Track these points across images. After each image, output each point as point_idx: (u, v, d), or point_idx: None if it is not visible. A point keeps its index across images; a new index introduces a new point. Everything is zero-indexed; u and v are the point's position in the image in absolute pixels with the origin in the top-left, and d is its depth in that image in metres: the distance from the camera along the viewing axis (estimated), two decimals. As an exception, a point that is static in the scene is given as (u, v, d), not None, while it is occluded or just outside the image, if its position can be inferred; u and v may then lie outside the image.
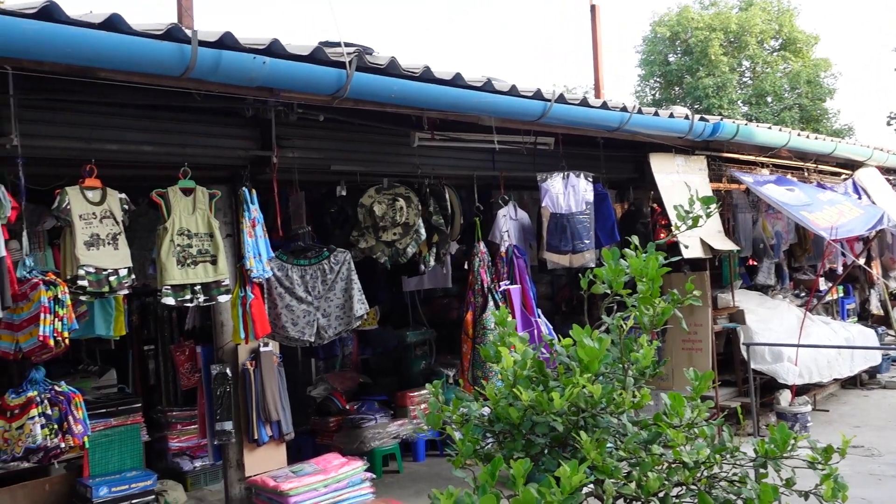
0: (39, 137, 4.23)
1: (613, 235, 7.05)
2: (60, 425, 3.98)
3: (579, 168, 6.68)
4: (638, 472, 2.31)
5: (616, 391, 2.42)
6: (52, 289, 3.89)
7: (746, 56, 27.01)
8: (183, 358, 6.79)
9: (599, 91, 10.29)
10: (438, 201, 6.25)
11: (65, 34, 3.25)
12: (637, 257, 2.50)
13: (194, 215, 4.72)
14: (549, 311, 9.23)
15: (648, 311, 2.49)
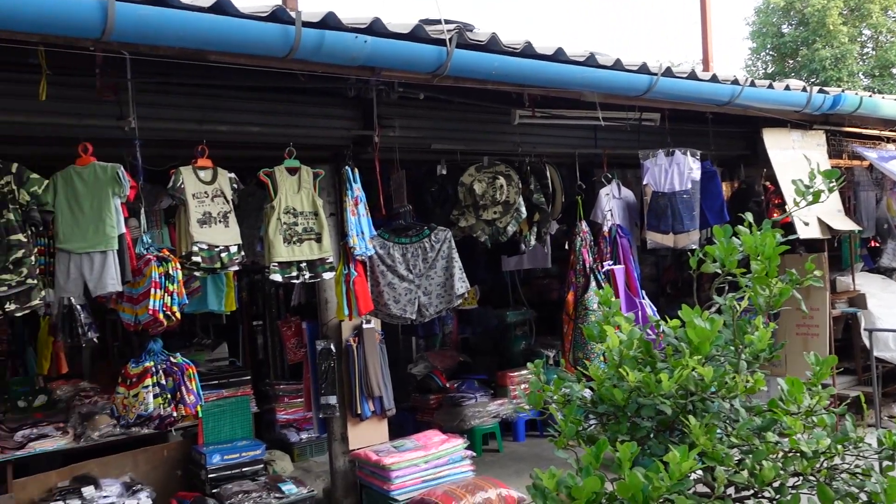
0: (155, 120, 4.41)
1: (722, 215, 6.76)
2: (174, 395, 4.18)
3: (686, 145, 6.42)
4: (751, 460, 2.19)
5: (728, 375, 2.30)
6: (164, 265, 4.07)
7: (869, 25, 25.19)
8: (289, 333, 7.01)
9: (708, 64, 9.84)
10: (539, 179, 6.15)
11: (178, 18, 3.36)
12: (752, 234, 2.36)
13: (299, 194, 4.83)
14: (654, 292, 8.98)
15: (764, 291, 2.35)
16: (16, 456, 4.80)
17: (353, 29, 3.86)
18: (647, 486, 1.94)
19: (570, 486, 2.04)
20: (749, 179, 7.85)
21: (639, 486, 1.94)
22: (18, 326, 6.53)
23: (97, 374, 6.57)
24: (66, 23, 3.10)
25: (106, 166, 4.08)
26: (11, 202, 3.87)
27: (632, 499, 1.95)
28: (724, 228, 2.45)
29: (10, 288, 3.83)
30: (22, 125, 4.12)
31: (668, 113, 6.35)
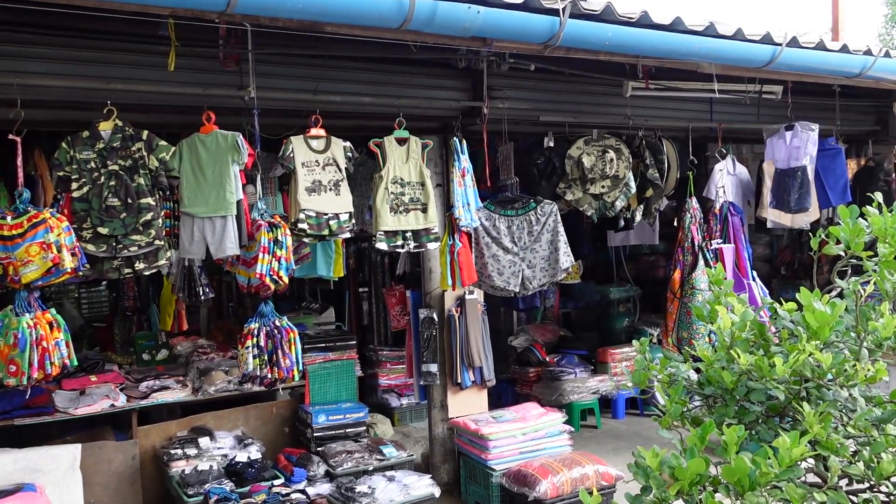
0: (272, 90, 4.56)
1: (845, 195, 6.38)
2: (271, 357, 4.34)
3: (809, 119, 6.08)
4: (869, 453, 2.09)
5: (848, 362, 2.19)
6: (274, 231, 4.23)
7: None
8: (394, 301, 7.17)
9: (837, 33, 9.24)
10: (655, 154, 5.98)
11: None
12: (881, 215, 2.22)
13: (407, 164, 4.90)
14: (766, 274, 8.61)
15: (892, 276, 2.21)
16: (140, 405, 5.15)
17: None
18: (754, 472, 1.89)
19: (673, 466, 2.01)
20: (878, 157, 7.36)
21: (745, 471, 1.89)
22: (144, 285, 6.97)
23: (213, 332, 6.94)
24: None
25: (227, 134, 4.26)
26: (142, 167, 4.12)
27: (737, 483, 1.90)
28: (851, 208, 2.32)
29: (140, 248, 4.09)
30: (152, 94, 4.35)
31: (791, 85, 6.02)
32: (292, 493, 4.47)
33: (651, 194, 6.03)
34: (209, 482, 4.55)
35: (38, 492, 4.23)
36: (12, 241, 3.86)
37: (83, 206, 4.06)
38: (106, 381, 5.24)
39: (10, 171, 4.80)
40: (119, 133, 4.11)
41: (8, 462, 4.56)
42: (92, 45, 4.20)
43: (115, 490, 4.85)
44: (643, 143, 5.94)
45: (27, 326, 3.91)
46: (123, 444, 4.99)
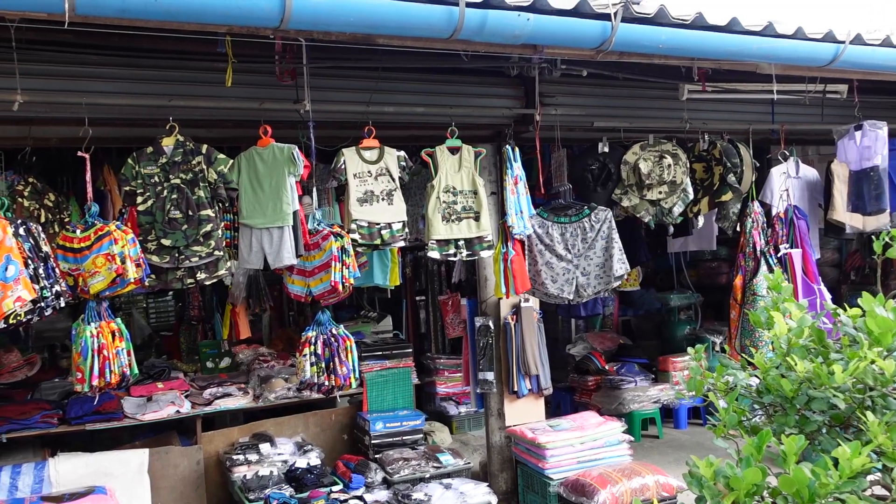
0: (326, 103, 4.63)
1: (914, 196, 6.11)
2: (328, 365, 4.41)
3: (876, 118, 5.85)
4: (939, 465, 2.00)
5: (914, 369, 2.10)
6: (339, 240, 4.33)
7: None
8: (449, 309, 7.19)
9: (908, 28, 8.89)
10: (730, 158, 5.85)
11: (349, 5, 3.50)
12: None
13: (460, 173, 4.91)
14: (835, 279, 8.33)
15: (962, 279, 2.12)
16: (204, 412, 5.29)
17: (515, 7, 3.85)
18: (813, 482, 1.83)
19: (728, 476, 1.96)
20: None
21: (804, 482, 1.83)
22: (208, 294, 7.17)
23: (274, 340, 7.08)
24: (249, 13, 3.33)
25: (283, 147, 4.36)
26: (202, 180, 4.25)
27: (796, 494, 1.84)
28: (917, 210, 2.23)
29: (201, 258, 4.22)
30: (211, 110, 4.49)
31: (857, 84, 5.82)
32: (350, 500, 4.53)
33: (730, 198, 5.89)
34: (270, 487, 4.64)
35: (109, 495, 4.37)
36: (81, 253, 4.04)
37: (148, 219, 4.21)
38: (172, 388, 5.40)
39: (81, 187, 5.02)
40: (180, 148, 4.25)
41: (80, 465, 4.75)
42: (154, 65, 4.36)
43: (180, 494, 4.99)
44: (716, 147, 5.82)
45: (90, 335, 4.07)
46: (188, 449, 5.13)
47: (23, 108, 3.84)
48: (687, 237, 6.96)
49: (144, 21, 3.35)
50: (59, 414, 5.00)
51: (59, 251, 4.05)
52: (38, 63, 4.04)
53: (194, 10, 3.25)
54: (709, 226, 6.73)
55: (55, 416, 4.96)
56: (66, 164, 5.45)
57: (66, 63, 4.17)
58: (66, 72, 4.18)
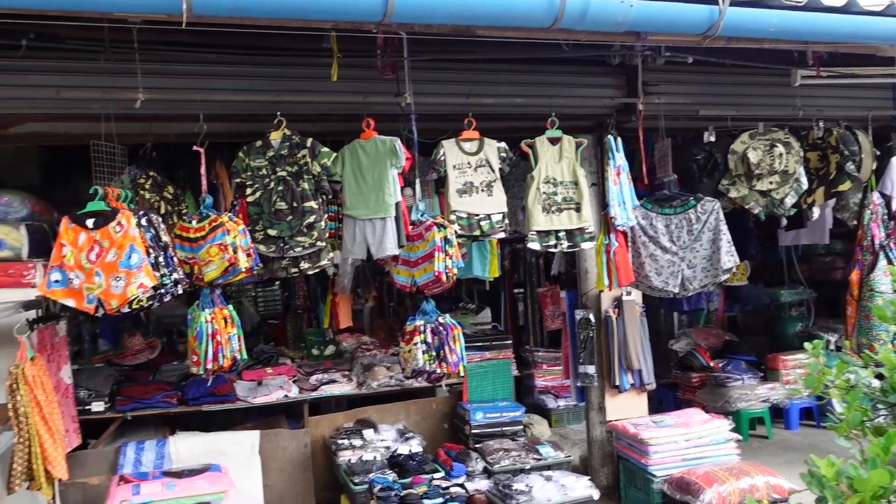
0: (427, 95, 4.66)
1: None
2: (438, 353, 4.48)
3: None
4: None
5: None
6: (442, 230, 4.37)
7: None
8: (548, 301, 7.14)
9: None
10: (847, 146, 5.55)
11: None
12: None
13: (560, 164, 4.86)
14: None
15: None
16: (311, 397, 5.48)
17: (618, -6, 3.78)
18: (946, 486, 1.72)
19: (852, 476, 1.87)
20: None
21: (935, 485, 1.72)
22: (313, 284, 7.39)
23: (376, 330, 7.23)
24: (354, 8, 3.40)
25: (385, 140, 4.44)
26: (306, 173, 4.38)
27: (926, 498, 1.74)
28: None
29: (304, 249, 4.36)
30: (317, 104, 4.62)
31: None
32: (452, 487, 4.58)
33: (848, 188, 5.59)
34: (374, 472, 4.75)
35: (223, 472, 4.61)
36: (196, 242, 4.25)
37: (256, 210, 4.38)
38: (280, 374, 5.62)
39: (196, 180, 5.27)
40: (287, 141, 4.40)
41: (197, 444, 5.01)
42: (264, 62, 4.53)
43: (289, 475, 5.18)
44: (832, 135, 5.53)
45: (205, 321, 4.29)
46: (296, 432, 5.32)
47: (144, 105, 4.06)
48: (799, 230, 6.64)
49: (254, 19, 3.47)
50: (178, 395, 5.29)
51: (177, 241, 4.27)
52: (158, 63, 4.25)
53: (302, 6, 3.35)
54: (822, 218, 6.40)
55: (174, 396, 5.26)
56: (182, 159, 5.74)
57: (183, 62, 4.38)
58: (183, 70, 4.40)
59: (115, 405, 5.16)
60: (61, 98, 4.22)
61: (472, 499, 4.66)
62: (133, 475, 4.62)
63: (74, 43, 4.08)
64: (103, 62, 4.07)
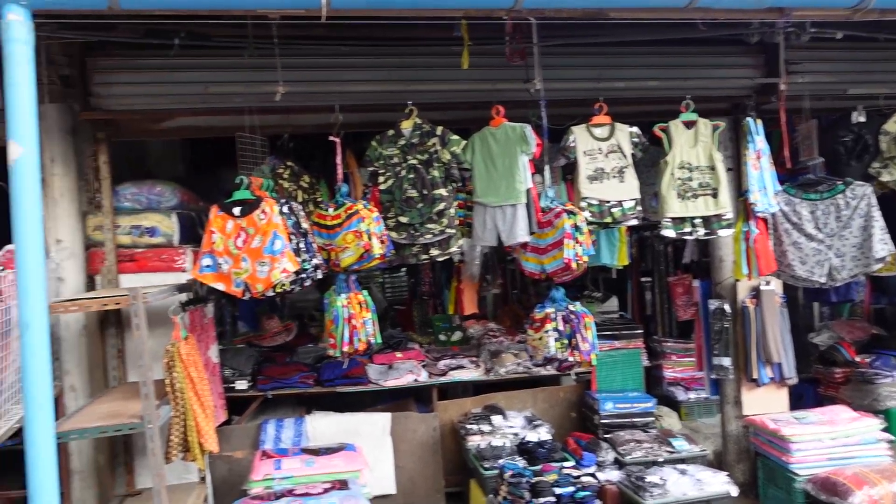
0: (556, 81, 4.64)
1: None
2: (570, 341, 4.46)
3: None
4: None
5: None
6: (572, 217, 4.34)
7: None
8: (680, 291, 6.92)
9: None
10: None
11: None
12: None
13: (695, 148, 4.69)
14: None
15: None
16: (440, 381, 5.57)
17: (762, -33, 3.60)
18: None
19: None
20: None
21: None
22: (438, 271, 7.51)
23: (502, 317, 7.25)
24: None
25: (515, 126, 4.44)
26: (436, 161, 4.45)
27: None
28: None
29: (434, 236, 4.44)
30: (447, 93, 4.69)
31: None
32: (583, 476, 4.54)
33: None
34: (503, 457, 4.79)
35: (358, 452, 4.78)
36: (333, 230, 4.41)
37: (388, 198, 4.50)
38: (409, 358, 5.75)
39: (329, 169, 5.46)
40: (417, 130, 4.48)
41: (332, 423, 5.22)
42: (396, 52, 4.63)
43: (419, 457, 5.30)
44: None
45: (341, 305, 4.45)
46: (426, 416, 5.43)
47: (283, 98, 4.26)
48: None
49: (388, 10, 3.56)
50: (314, 376, 5.52)
51: (315, 228, 4.46)
52: (296, 57, 4.45)
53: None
54: None
55: (311, 377, 5.50)
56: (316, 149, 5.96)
57: (319, 55, 4.57)
58: (318, 64, 4.58)
59: (256, 384, 5.45)
60: (208, 93, 4.49)
61: (603, 489, 4.60)
62: (274, 451, 4.87)
63: (220, 41, 4.33)
64: (247, 58, 4.29)
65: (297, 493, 4.26)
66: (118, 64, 4.54)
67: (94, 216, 4.82)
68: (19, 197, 3.15)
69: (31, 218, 3.17)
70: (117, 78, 4.57)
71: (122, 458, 4.90)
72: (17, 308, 4.11)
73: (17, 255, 3.18)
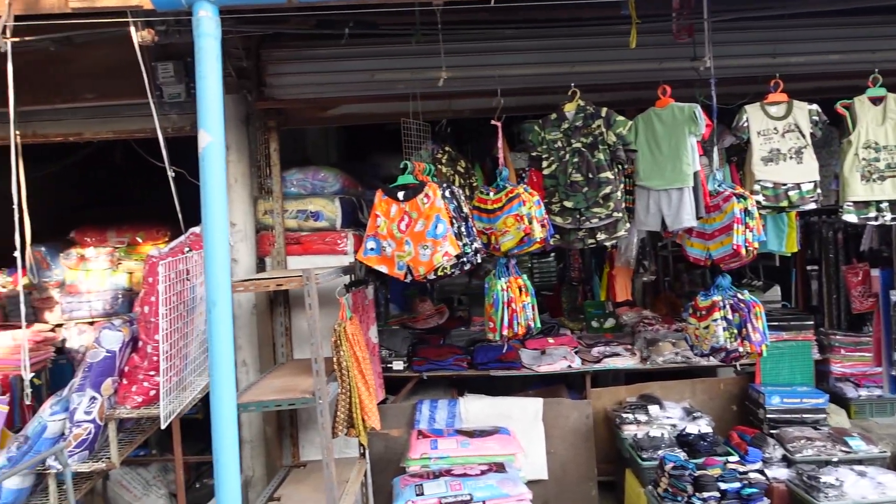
0: (726, 57, 4.42)
1: None
2: (740, 331, 4.24)
3: None
4: None
5: None
6: (742, 201, 4.12)
7: None
8: (855, 280, 6.43)
9: None
10: None
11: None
12: None
13: (883, 126, 4.33)
14: None
15: None
16: (594, 368, 5.47)
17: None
18: None
19: None
20: None
21: None
22: (588, 257, 7.38)
23: (657, 304, 7.03)
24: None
25: (683, 107, 4.26)
26: (601, 143, 4.34)
27: None
28: None
29: (600, 220, 4.33)
30: (611, 74, 4.57)
31: None
32: (749, 472, 4.33)
33: None
34: (662, 449, 4.65)
35: (512, 435, 4.79)
36: (493, 213, 4.41)
37: (552, 182, 4.44)
38: (562, 344, 5.69)
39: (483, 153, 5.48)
40: (581, 112, 4.39)
41: (485, 406, 5.26)
42: (558, 34, 4.56)
43: (571, 444, 5.25)
44: None
45: (500, 289, 4.45)
46: (578, 402, 5.36)
47: (445, 83, 4.29)
48: None
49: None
50: (467, 359, 5.58)
51: (475, 212, 4.47)
52: (458, 42, 4.47)
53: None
54: None
55: (465, 360, 5.56)
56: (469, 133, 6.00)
57: (481, 40, 4.56)
58: (480, 48, 4.59)
59: (412, 365, 5.57)
60: (374, 81, 4.61)
61: (770, 487, 4.38)
62: (429, 431, 4.97)
63: (388, 28, 4.42)
64: (414, 44, 4.35)
65: (455, 474, 4.33)
66: (290, 55, 4.75)
67: (265, 201, 5.08)
68: (207, 182, 3.32)
69: (217, 202, 3.33)
70: (289, 68, 4.78)
71: (288, 430, 5.16)
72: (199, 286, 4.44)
73: (204, 237, 3.36)
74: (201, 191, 3.33)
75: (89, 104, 4.93)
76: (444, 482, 4.21)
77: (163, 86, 4.71)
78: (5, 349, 5.07)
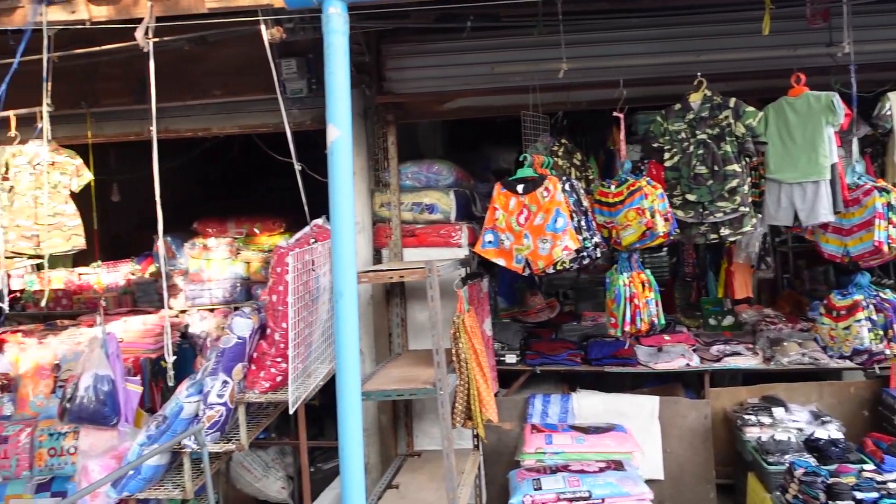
0: (867, 42, 4.18)
1: None
2: (885, 332, 4.01)
3: None
4: None
5: None
6: (885, 195, 3.89)
7: None
8: None
9: None
10: None
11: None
12: None
13: None
14: None
15: None
16: (714, 367, 5.28)
17: None
18: None
19: None
20: None
21: None
22: (702, 252, 7.13)
23: (779, 302, 6.73)
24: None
25: (819, 95, 4.05)
26: (728, 135, 4.19)
27: None
28: None
29: (725, 214, 4.19)
30: (740, 62, 4.39)
31: None
32: (889, 483, 4.08)
33: None
34: (789, 453, 4.45)
35: (628, 433, 4.71)
36: (614, 207, 4.34)
37: (674, 175, 4.32)
38: (679, 342, 5.53)
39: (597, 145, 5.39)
40: (707, 103, 4.25)
41: (598, 403, 5.19)
42: (682, 22, 4.42)
43: (688, 444, 5.10)
44: None
45: (622, 284, 4.37)
46: (696, 402, 5.20)
47: (565, 75, 4.23)
48: None
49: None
50: (581, 354, 5.50)
51: (595, 205, 4.41)
52: (578, 32, 4.40)
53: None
54: None
55: (578, 355, 5.48)
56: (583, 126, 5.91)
57: (601, 30, 4.48)
58: (602, 38, 4.51)
59: (524, 359, 5.55)
60: (493, 73, 4.60)
61: (911, 498, 4.12)
62: (542, 425, 4.93)
63: (509, 20, 4.40)
64: (537, 35, 4.31)
65: (572, 470, 4.29)
66: (410, 49, 4.81)
67: (381, 193, 5.17)
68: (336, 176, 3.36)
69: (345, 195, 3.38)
70: (408, 63, 4.84)
71: (403, 419, 5.24)
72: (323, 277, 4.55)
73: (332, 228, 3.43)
74: (329, 184, 3.39)
75: (217, 100, 5.14)
76: (561, 478, 4.18)
77: (286, 82, 4.86)
78: (136, 333, 5.36)
